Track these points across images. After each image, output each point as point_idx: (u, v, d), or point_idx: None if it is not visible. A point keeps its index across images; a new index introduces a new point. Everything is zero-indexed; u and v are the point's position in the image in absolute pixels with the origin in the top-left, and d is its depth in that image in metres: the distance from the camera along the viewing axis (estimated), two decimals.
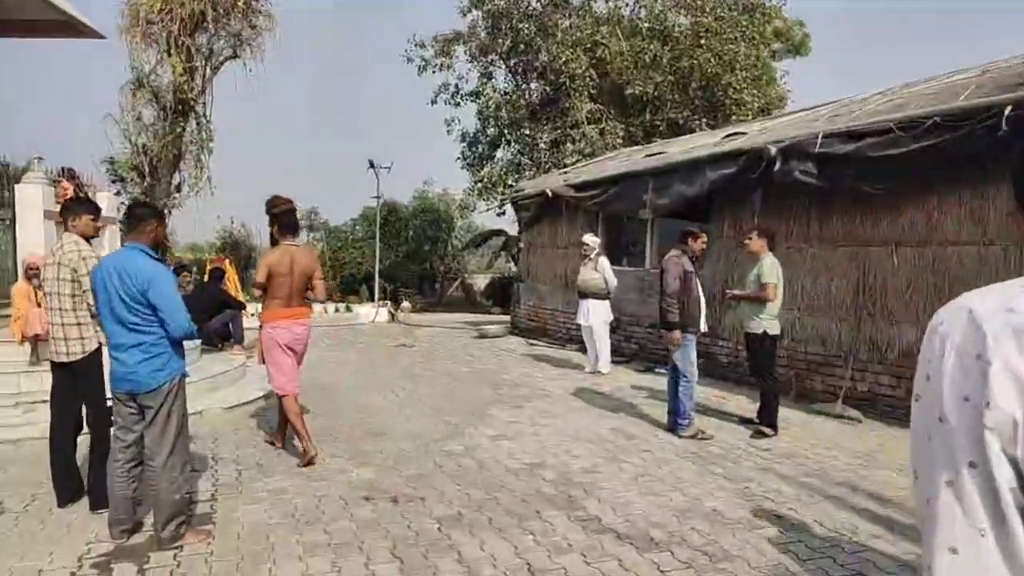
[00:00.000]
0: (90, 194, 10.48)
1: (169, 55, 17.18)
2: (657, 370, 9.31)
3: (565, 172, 13.11)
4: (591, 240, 8.91)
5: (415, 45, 18.69)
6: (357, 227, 28.13)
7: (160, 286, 3.77)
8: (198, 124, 18.98)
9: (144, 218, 3.94)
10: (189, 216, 27.28)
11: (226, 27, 17.96)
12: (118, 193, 18.01)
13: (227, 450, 5.54)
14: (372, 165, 16.80)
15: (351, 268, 25.86)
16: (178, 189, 19.00)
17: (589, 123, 16.31)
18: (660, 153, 10.47)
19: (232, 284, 16.41)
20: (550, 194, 11.72)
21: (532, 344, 12.20)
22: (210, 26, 17.59)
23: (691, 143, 10.58)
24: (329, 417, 6.69)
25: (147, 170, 17.88)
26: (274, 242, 5.27)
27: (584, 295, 8.84)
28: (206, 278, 18.38)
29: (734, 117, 15.76)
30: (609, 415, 6.96)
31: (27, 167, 9.04)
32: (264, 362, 5.30)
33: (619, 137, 16.33)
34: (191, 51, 17.59)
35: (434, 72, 18.85)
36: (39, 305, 6.26)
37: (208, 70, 18.54)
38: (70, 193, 9.64)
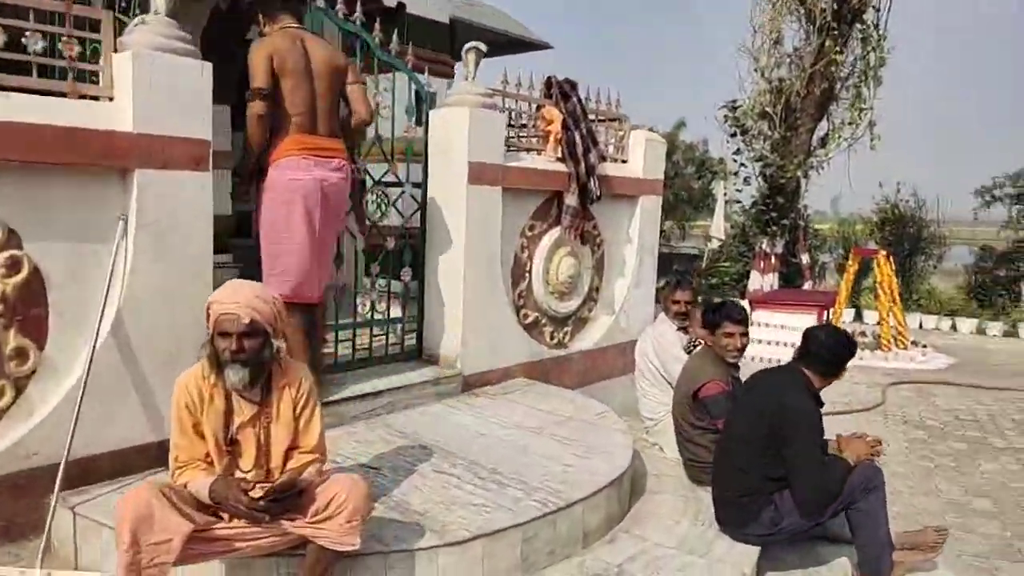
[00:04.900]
0: (603, 134, 5.46)
1: None
2: None
3: None
4: None
5: None
6: None
7: None
8: (864, 40, 12.44)
9: None
10: (836, 180, 20.43)
11: None
12: (737, 151, 13.12)
13: None
14: None
15: None
16: (822, 143, 12.92)
17: None
18: None
19: (885, 291, 9.69)
20: None
21: None
22: None
23: None
24: None
25: (780, 116, 12.37)
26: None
27: None
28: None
29: None
30: None
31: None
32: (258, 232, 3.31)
33: None
34: None
35: None
36: None
37: None
38: (554, 128, 4.71)
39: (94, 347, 2.80)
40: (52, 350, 2.80)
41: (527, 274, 4.80)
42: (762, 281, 11.25)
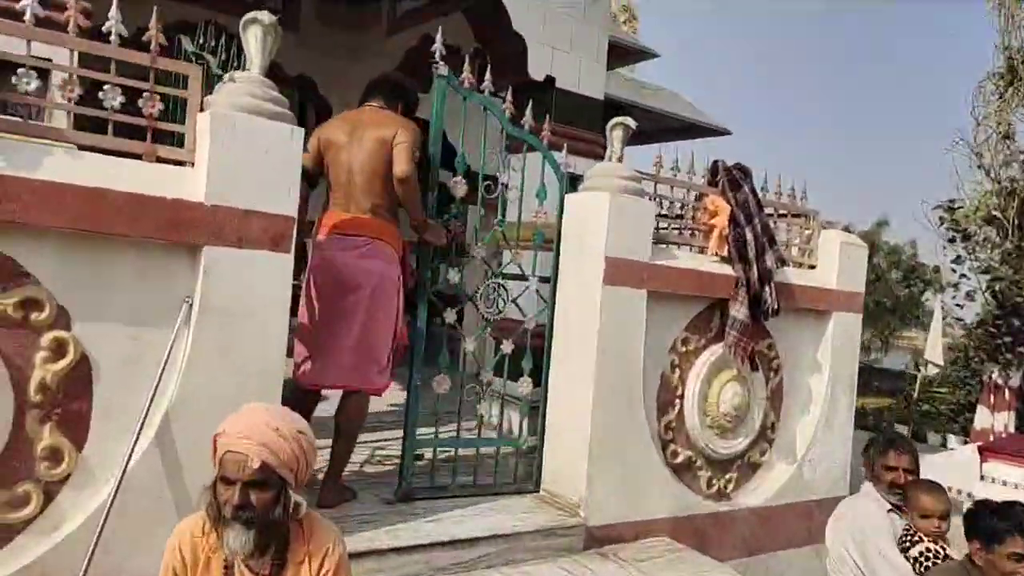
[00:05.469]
0: (783, 232, 4.52)
1: None
2: None
3: None
4: None
5: None
6: None
7: None
8: None
9: None
10: None
11: None
12: (957, 259, 11.22)
13: None
14: None
15: None
16: None
17: None
18: None
19: None
20: None
21: None
22: None
23: None
24: None
25: (1012, 223, 10.47)
26: None
27: None
28: None
29: None
30: None
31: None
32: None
33: None
34: None
35: None
36: None
37: None
38: (719, 221, 3.93)
39: (130, 453, 2.36)
40: (92, 452, 2.40)
41: (678, 400, 3.89)
42: (993, 420, 9.17)
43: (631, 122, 3.52)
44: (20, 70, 2.32)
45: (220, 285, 2.53)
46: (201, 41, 3.56)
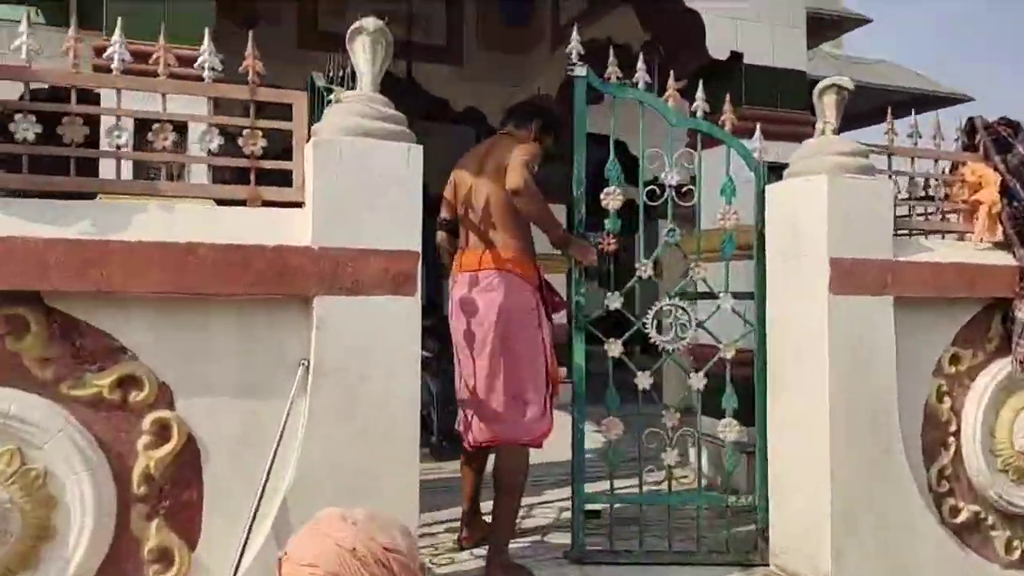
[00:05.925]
0: None
1: None
2: None
3: None
4: None
5: None
6: None
7: None
8: None
9: None
10: None
11: None
12: None
13: None
14: None
15: None
16: None
17: None
18: None
19: None
20: None
21: None
22: None
23: None
24: None
25: None
26: None
27: None
28: None
29: None
30: None
31: None
32: None
33: None
34: None
35: None
36: None
37: None
38: (986, 195, 2.91)
39: (242, 549, 1.96)
40: (206, 550, 2.04)
41: (952, 438, 2.89)
42: None
43: (846, 82, 2.67)
44: (110, 124, 2.09)
45: (337, 340, 2.10)
46: (331, 74, 3.34)
